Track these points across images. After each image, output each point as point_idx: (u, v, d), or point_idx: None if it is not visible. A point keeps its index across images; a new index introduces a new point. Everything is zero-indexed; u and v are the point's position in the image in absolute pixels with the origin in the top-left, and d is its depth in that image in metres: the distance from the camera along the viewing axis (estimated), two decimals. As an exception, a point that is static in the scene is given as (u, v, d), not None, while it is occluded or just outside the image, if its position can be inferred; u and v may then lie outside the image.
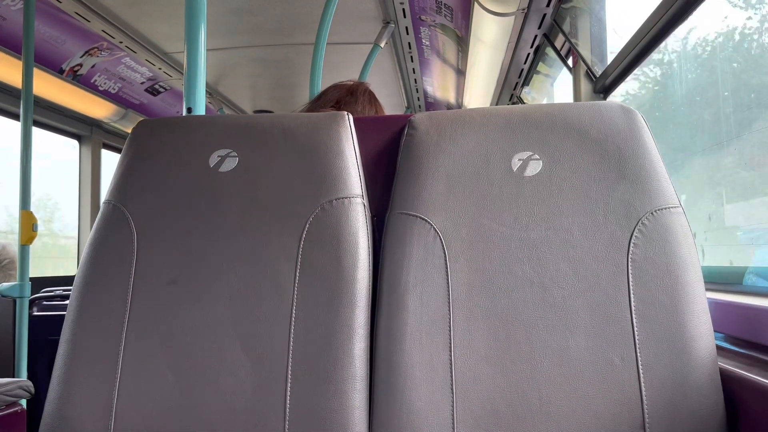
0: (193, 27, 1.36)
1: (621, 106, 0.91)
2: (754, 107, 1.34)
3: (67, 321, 0.89)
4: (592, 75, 2.14)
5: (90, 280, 0.90)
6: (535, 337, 0.81)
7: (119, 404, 0.83)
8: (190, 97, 1.34)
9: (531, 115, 0.92)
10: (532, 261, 0.84)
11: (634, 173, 0.86)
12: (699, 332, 0.80)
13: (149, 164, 0.95)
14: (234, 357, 0.83)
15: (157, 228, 0.91)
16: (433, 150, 0.91)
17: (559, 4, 2.29)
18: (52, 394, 0.86)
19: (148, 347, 0.85)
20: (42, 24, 2.66)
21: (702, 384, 0.78)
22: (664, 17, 1.48)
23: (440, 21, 2.88)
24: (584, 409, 0.79)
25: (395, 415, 0.81)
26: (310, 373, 0.82)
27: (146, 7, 2.65)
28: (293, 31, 2.97)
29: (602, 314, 0.81)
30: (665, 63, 1.77)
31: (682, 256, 0.83)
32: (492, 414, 0.80)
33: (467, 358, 0.82)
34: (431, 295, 0.84)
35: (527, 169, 0.89)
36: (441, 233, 0.87)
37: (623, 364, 0.79)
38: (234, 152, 0.93)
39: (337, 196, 0.89)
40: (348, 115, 0.96)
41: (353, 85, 1.44)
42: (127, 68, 3.35)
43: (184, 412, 0.82)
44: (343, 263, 0.86)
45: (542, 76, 3.11)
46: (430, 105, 4.43)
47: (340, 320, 0.83)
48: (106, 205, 0.94)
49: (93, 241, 0.92)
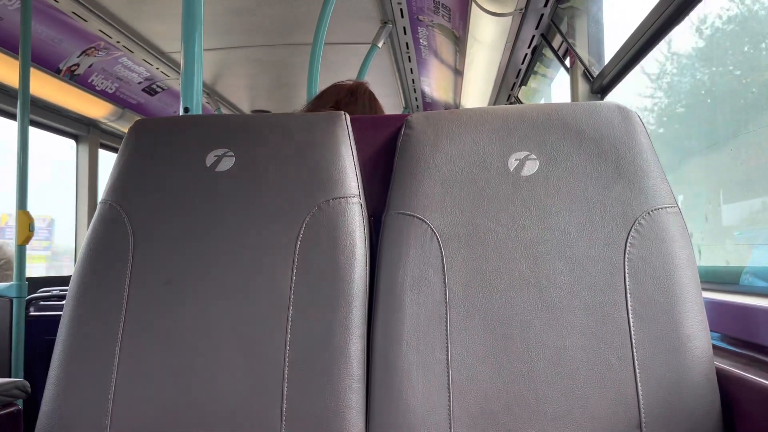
0: (190, 27, 1.36)
1: (618, 106, 0.91)
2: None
3: (63, 321, 0.89)
4: (590, 75, 2.14)
5: (86, 280, 0.90)
6: (531, 336, 0.81)
7: (116, 404, 0.83)
8: (187, 97, 1.34)
9: (528, 114, 0.92)
10: (528, 260, 0.84)
11: (631, 173, 0.86)
12: (695, 332, 0.80)
13: (146, 164, 0.95)
14: (230, 357, 0.83)
15: (154, 227, 0.91)
16: (429, 150, 0.91)
17: (557, 5, 2.29)
18: (48, 394, 0.86)
19: (145, 347, 0.85)
20: (39, 23, 2.65)
21: (698, 383, 0.78)
22: (662, 17, 1.48)
23: (438, 21, 2.88)
24: (581, 408, 0.79)
25: (392, 415, 0.81)
26: (307, 373, 0.82)
27: (144, 6, 2.65)
28: (291, 31, 2.97)
29: (599, 314, 0.81)
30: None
31: (678, 255, 0.83)
32: (488, 413, 0.80)
33: (464, 357, 0.82)
34: (428, 295, 0.84)
35: (524, 168, 0.89)
36: (438, 233, 0.87)
37: (620, 363, 0.79)
38: (231, 152, 0.93)
39: (334, 196, 0.89)
40: (345, 115, 0.96)
41: (353, 86, 1.43)
42: (124, 68, 3.34)
43: (181, 412, 0.82)
44: (340, 263, 0.86)
45: (540, 76, 3.11)
46: (427, 105, 4.43)
47: (337, 320, 0.83)
48: (103, 205, 0.93)
49: (89, 241, 0.92)
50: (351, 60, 3.21)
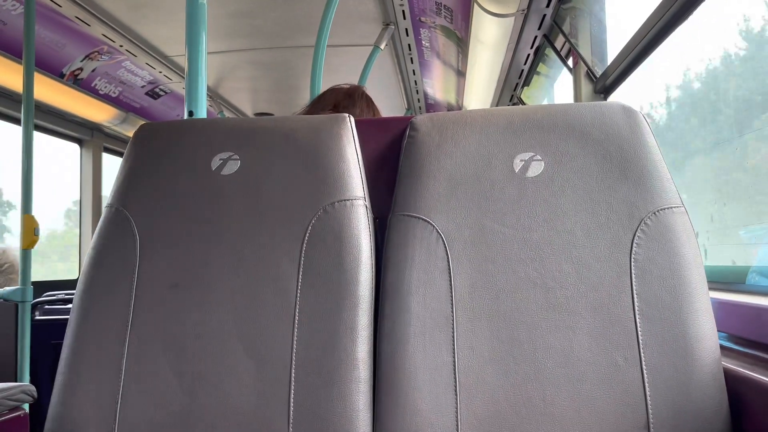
0: (194, 30, 1.36)
1: (622, 106, 0.91)
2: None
3: (69, 325, 0.89)
4: (593, 75, 2.13)
5: (93, 284, 0.90)
6: (538, 338, 0.81)
7: (122, 408, 0.83)
8: (191, 101, 1.34)
9: (532, 115, 0.92)
10: (534, 262, 0.84)
11: (636, 173, 0.86)
12: (702, 332, 0.80)
13: (151, 168, 0.95)
14: (237, 360, 0.83)
15: (160, 231, 0.91)
16: (434, 151, 0.91)
17: (559, 5, 2.29)
18: (54, 398, 0.86)
19: (151, 351, 0.85)
20: (42, 28, 2.66)
21: (706, 384, 0.78)
22: (665, 17, 1.48)
23: (440, 22, 2.88)
24: (588, 409, 0.78)
25: (399, 418, 0.81)
26: (314, 376, 0.82)
27: (146, 10, 2.65)
28: (293, 33, 2.97)
29: (605, 315, 0.81)
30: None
31: (684, 255, 0.83)
32: (495, 415, 0.79)
33: (470, 359, 0.82)
34: (434, 297, 0.84)
35: (529, 170, 0.89)
36: (443, 235, 0.86)
37: (627, 364, 0.79)
38: (236, 155, 0.93)
39: (339, 199, 0.89)
40: (349, 118, 0.96)
41: (350, 89, 1.45)
42: (127, 72, 3.35)
43: (188, 416, 0.82)
44: (346, 266, 0.86)
45: (542, 76, 3.11)
46: (430, 106, 4.43)
47: (343, 323, 0.83)
48: (109, 209, 0.94)
49: (95, 245, 0.92)
50: (353, 62, 3.21)
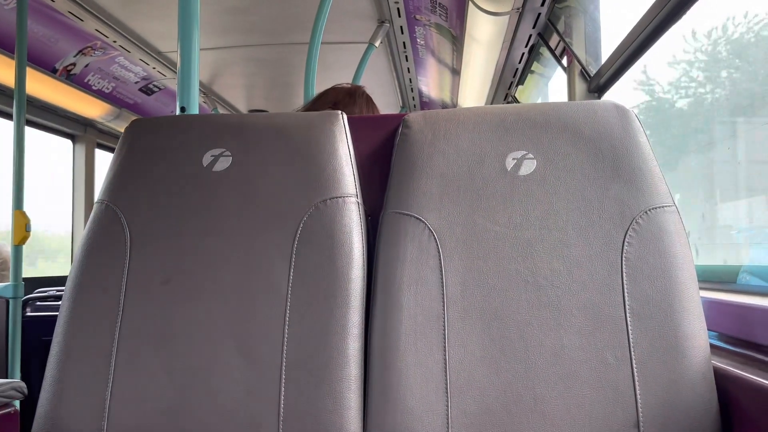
0: (187, 26, 1.36)
1: (615, 105, 0.91)
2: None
3: (59, 321, 0.88)
4: (587, 74, 2.14)
5: (83, 280, 0.89)
6: (529, 336, 0.81)
7: (112, 404, 0.83)
8: (183, 97, 1.34)
9: (525, 114, 0.92)
10: (526, 260, 0.84)
11: (628, 172, 0.86)
12: (693, 331, 0.80)
13: (142, 164, 0.94)
14: (228, 357, 0.83)
15: (150, 227, 0.90)
16: (427, 149, 0.91)
17: (554, 4, 2.29)
18: (44, 394, 0.85)
19: (141, 347, 0.85)
20: (35, 23, 2.65)
21: (696, 382, 0.78)
22: (659, 16, 1.49)
23: (435, 20, 2.88)
24: (578, 407, 0.79)
25: (390, 415, 0.81)
26: (305, 373, 0.81)
27: (140, 6, 2.64)
28: (288, 30, 2.96)
29: (596, 313, 0.81)
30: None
31: (675, 255, 0.83)
32: (486, 413, 0.80)
33: (461, 357, 0.82)
34: (426, 295, 0.84)
35: (521, 168, 0.89)
36: (435, 232, 0.86)
37: (617, 362, 0.79)
38: (227, 152, 0.93)
39: (331, 196, 0.89)
40: (342, 114, 0.96)
41: (352, 88, 1.46)
42: (120, 68, 3.33)
43: (178, 412, 0.82)
44: (338, 263, 0.86)
45: (537, 75, 3.11)
46: (425, 104, 4.43)
47: (335, 320, 0.83)
48: (99, 205, 0.93)
49: (86, 241, 0.92)
50: (348, 59, 3.21)
